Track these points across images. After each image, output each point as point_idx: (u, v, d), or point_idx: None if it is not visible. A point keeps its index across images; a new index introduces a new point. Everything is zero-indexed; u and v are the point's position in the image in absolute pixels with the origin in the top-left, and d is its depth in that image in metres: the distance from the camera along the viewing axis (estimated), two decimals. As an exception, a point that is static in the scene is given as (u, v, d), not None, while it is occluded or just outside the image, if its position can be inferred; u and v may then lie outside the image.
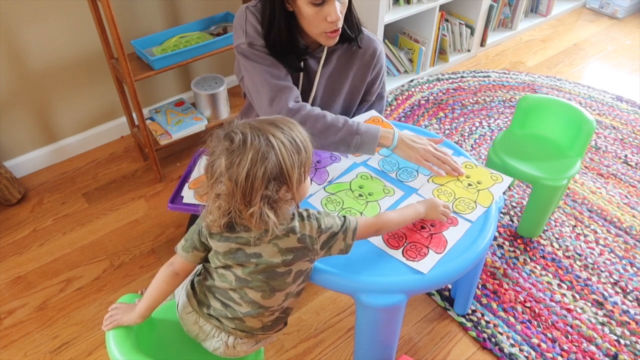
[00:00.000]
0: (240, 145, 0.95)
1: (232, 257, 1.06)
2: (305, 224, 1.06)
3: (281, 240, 1.04)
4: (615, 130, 2.57)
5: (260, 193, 0.95)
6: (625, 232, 2.02)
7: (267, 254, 1.04)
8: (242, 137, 0.95)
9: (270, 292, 1.09)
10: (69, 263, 1.92)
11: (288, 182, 0.97)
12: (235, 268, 1.07)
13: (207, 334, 1.16)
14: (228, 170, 0.95)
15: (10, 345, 1.66)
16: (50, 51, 2.11)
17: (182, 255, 1.11)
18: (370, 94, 1.60)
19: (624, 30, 3.49)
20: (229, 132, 0.98)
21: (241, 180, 0.94)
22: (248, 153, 0.94)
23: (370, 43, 1.50)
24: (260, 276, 1.06)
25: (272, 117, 1.03)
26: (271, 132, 0.96)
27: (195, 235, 1.09)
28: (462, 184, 1.37)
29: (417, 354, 1.64)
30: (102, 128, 2.43)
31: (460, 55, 3.11)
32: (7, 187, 2.10)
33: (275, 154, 0.95)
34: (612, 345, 1.65)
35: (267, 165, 0.94)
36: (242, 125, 0.99)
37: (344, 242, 1.10)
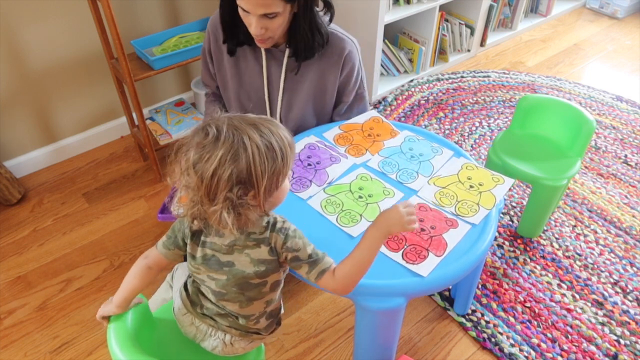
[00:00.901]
0: (212, 142, 0.90)
1: (206, 263, 1.05)
2: (274, 236, 1.02)
3: (252, 250, 1.02)
4: (615, 130, 2.57)
5: (223, 194, 0.91)
6: (625, 232, 2.02)
7: (239, 264, 1.03)
8: (216, 133, 0.91)
9: (248, 301, 1.08)
10: (69, 263, 1.92)
11: (255, 188, 0.92)
12: (208, 281, 1.07)
13: (205, 334, 1.16)
14: (195, 165, 0.91)
15: (10, 345, 1.67)
16: (50, 51, 2.10)
17: (162, 252, 1.09)
18: (345, 94, 1.58)
19: (624, 30, 3.49)
20: (206, 125, 0.93)
21: (207, 177, 0.90)
22: (218, 151, 0.89)
23: (338, 43, 1.48)
24: (235, 288, 1.06)
25: (257, 116, 0.98)
26: (248, 133, 0.91)
27: (179, 234, 1.07)
28: (464, 186, 1.37)
29: (417, 354, 1.64)
30: (102, 128, 2.43)
31: (460, 55, 3.11)
32: (7, 187, 2.10)
33: (247, 157, 0.90)
34: (612, 345, 1.65)
35: (236, 167, 0.89)
36: (221, 120, 0.94)
37: (306, 275, 1.04)
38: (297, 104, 1.54)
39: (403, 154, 1.49)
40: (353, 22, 2.55)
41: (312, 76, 1.51)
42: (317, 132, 1.56)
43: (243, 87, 1.54)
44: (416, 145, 1.52)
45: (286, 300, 1.77)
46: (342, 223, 1.27)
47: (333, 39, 1.47)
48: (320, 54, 1.47)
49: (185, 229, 1.06)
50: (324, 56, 1.48)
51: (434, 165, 1.45)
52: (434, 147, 1.51)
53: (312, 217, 1.29)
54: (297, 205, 1.32)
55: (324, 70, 1.50)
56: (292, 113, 1.56)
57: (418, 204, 1.33)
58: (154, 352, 1.17)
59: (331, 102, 1.58)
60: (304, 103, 1.54)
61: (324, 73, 1.50)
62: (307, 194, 1.35)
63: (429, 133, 1.58)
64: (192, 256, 1.07)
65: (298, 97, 1.53)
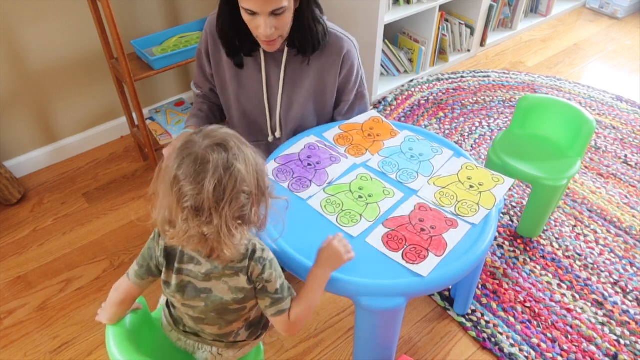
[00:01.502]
0: (237, 150, 0.92)
1: (181, 291, 1.04)
2: (252, 265, 1.01)
3: (231, 279, 1.02)
4: (615, 130, 2.57)
5: (265, 185, 0.96)
6: (625, 232, 2.02)
7: (217, 291, 1.03)
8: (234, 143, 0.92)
9: (227, 324, 1.08)
10: (69, 263, 1.92)
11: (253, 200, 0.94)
12: (184, 309, 1.06)
13: (193, 347, 1.17)
14: (247, 170, 0.92)
15: (10, 345, 1.67)
16: (50, 51, 2.10)
17: (135, 282, 1.07)
18: (346, 93, 1.58)
19: (624, 30, 3.49)
20: (218, 143, 0.91)
21: (257, 178, 0.94)
22: (246, 152, 0.93)
23: (337, 42, 1.47)
24: (213, 314, 1.06)
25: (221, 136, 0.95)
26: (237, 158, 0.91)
27: (152, 262, 1.05)
28: (464, 186, 1.37)
29: (417, 354, 1.64)
30: (102, 128, 2.43)
31: (460, 55, 3.11)
32: (7, 187, 2.10)
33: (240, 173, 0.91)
34: (612, 345, 1.65)
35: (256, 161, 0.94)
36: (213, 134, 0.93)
37: (264, 308, 1.05)
38: (297, 104, 1.54)
39: (403, 154, 1.49)
40: (353, 22, 2.55)
41: (311, 76, 1.50)
42: (317, 132, 1.56)
43: (242, 88, 1.54)
44: (416, 145, 1.52)
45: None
46: (342, 223, 1.27)
47: (332, 38, 1.46)
48: (320, 53, 1.47)
49: (159, 257, 1.04)
50: (322, 55, 1.47)
51: (434, 165, 1.45)
52: (434, 147, 1.51)
53: (312, 217, 1.29)
54: (297, 205, 1.32)
55: (323, 70, 1.50)
56: (292, 113, 1.56)
57: (418, 204, 1.33)
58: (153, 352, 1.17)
59: (331, 101, 1.58)
60: (303, 103, 1.54)
61: (323, 72, 1.50)
62: (307, 194, 1.35)
63: (429, 133, 1.58)
64: (167, 283, 1.05)
65: (297, 97, 1.53)
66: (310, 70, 1.49)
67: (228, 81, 1.54)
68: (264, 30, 1.29)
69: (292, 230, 1.25)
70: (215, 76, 1.57)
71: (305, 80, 1.51)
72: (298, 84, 1.51)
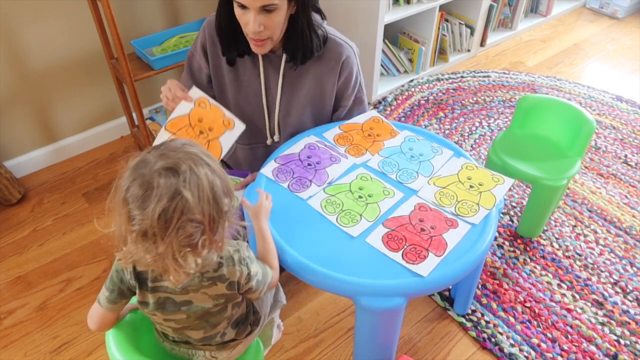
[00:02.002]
0: (191, 174, 0.88)
1: (161, 308, 1.02)
2: (234, 270, 1.01)
3: (209, 289, 1.01)
4: (615, 130, 2.57)
5: (223, 209, 0.92)
6: (625, 232, 2.02)
7: (197, 300, 1.02)
8: (188, 166, 0.88)
9: (212, 327, 1.08)
10: (69, 263, 1.92)
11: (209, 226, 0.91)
12: (168, 322, 1.05)
13: (188, 355, 1.17)
14: (199, 200, 0.88)
15: (10, 345, 1.67)
16: (50, 51, 2.10)
17: (109, 307, 1.04)
18: (344, 99, 1.57)
19: (624, 30, 3.49)
20: (169, 167, 0.88)
21: (211, 206, 0.90)
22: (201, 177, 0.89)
23: (336, 48, 1.46)
24: (197, 321, 1.05)
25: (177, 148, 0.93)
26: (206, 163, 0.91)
27: (122, 285, 1.02)
28: (464, 186, 1.37)
29: (417, 354, 1.64)
30: (102, 128, 2.43)
31: (460, 55, 3.11)
32: (7, 187, 2.10)
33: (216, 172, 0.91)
34: (612, 345, 1.65)
35: (217, 180, 0.90)
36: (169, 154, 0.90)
37: (261, 292, 1.08)
38: (295, 109, 1.54)
39: (403, 154, 1.49)
40: (353, 22, 2.55)
41: (309, 81, 1.50)
42: (317, 132, 1.56)
43: (241, 92, 1.53)
44: (416, 145, 1.52)
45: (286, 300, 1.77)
46: (342, 223, 1.27)
47: (331, 44, 1.46)
48: (318, 59, 1.46)
49: (130, 280, 1.01)
50: (321, 61, 1.47)
51: (434, 165, 1.45)
52: (434, 147, 1.51)
53: (312, 217, 1.29)
54: (297, 205, 1.32)
55: (321, 76, 1.49)
56: (290, 118, 1.55)
57: (418, 204, 1.33)
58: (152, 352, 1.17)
59: (329, 107, 1.58)
60: (302, 108, 1.54)
61: (321, 78, 1.50)
62: (307, 194, 1.35)
63: (429, 133, 1.58)
64: (144, 303, 1.03)
65: (296, 102, 1.53)
66: (309, 76, 1.49)
67: (227, 84, 1.54)
68: (252, 26, 1.27)
69: (292, 230, 1.25)
70: (213, 79, 1.56)
71: (303, 86, 1.50)
72: (296, 90, 1.51)
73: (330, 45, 1.46)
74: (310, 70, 1.48)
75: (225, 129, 1.34)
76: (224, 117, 1.35)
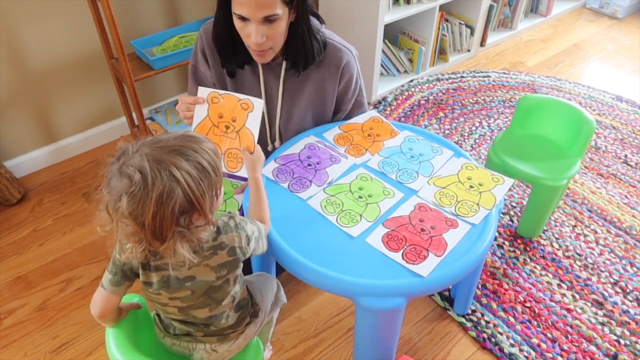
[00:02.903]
0: (141, 187, 0.86)
1: (165, 286, 1.03)
2: (233, 236, 1.03)
3: (210, 259, 1.02)
4: (615, 130, 2.57)
5: (171, 230, 0.90)
6: (625, 232, 2.02)
7: (200, 275, 1.03)
8: (142, 177, 0.86)
9: (216, 303, 1.09)
10: (69, 263, 1.92)
11: (199, 210, 0.92)
12: (172, 302, 1.05)
13: (188, 350, 1.17)
14: (132, 214, 0.88)
15: (10, 345, 1.67)
16: (50, 51, 2.10)
17: (113, 290, 1.03)
18: (344, 103, 1.57)
19: (624, 30, 3.49)
20: (125, 169, 0.88)
21: (148, 221, 0.87)
22: (151, 194, 0.86)
23: (335, 53, 1.45)
24: (202, 297, 1.06)
25: (174, 140, 0.94)
26: (174, 164, 0.88)
27: (126, 267, 1.03)
28: (464, 186, 1.37)
29: (417, 354, 1.64)
30: (102, 128, 2.43)
31: (460, 55, 3.11)
32: (7, 187, 2.10)
33: (182, 189, 0.88)
34: (612, 345, 1.65)
35: (175, 202, 0.87)
36: (139, 158, 0.89)
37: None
38: (296, 115, 1.53)
39: (403, 154, 1.49)
40: (353, 22, 2.56)
41: (310, 87, 1.50)
42: (317, 132, 1.56)
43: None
44: (416, 145, 1.52)
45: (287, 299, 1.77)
46: (342, 223, 1.27)
47: (330, 49, 1.45)
48: (318, 65, 1.45)
49: (132, 260, 1.01)
50: (321, 67, 1.46)
51: (434, 165, 1.45)
52: (434, 147, 1.51)
53: (312, 217, 1.29)
54: (297, 205, 1.32)
55: (321, 81, 1.49)
56: (291, 124, 1.55)
57: (418, 204, 1.33)
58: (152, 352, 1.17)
59: (330, 112, 1.58)
60: (303, 114, 1.54)
61: (322, 84, 1.49)
62: (307, 194, 1.35)
63: (429, 133, 1.58)
64: (148, 283, 1.03)
65: (296, 108, 1.53)
66: (309, 82, 1.49)
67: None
68: (255, 38, 1.25)
69: (292, 230, 1.25)
70: (217, 86, 1.54)
71: (304, 92, 1.50)
72: (297, 97, 1.51)
73: (329, 50, 1.45)
74: (310, 76, 1.48)
75: (247, 113, 1.31)
76: (240, 102, 1.31)
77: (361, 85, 1.58)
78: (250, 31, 1.26)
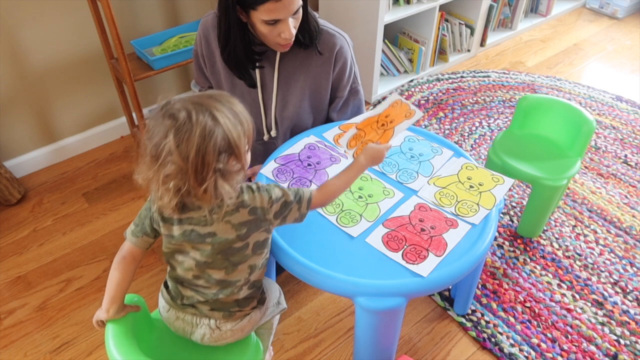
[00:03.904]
0: (186, 122, 0.95)
1: (187, 238, 1.07)
2: (255, 197, 1.07)
3: (232, 215, 1.05)
4: (615, 130, 2.57)
5: (212, 167, 0.97)
6: (625, 232, 2.03)
7: (220, 232, 1.06)
8: (187, 114, 0.96)
9: (233, 267, 1.10)
10: (69, 263, 1.92)
11: (236, 152, 1.00)
12: (192, 252, 1.09)
13: (192, 325, 1.17)
14: (178, 147, 0.95)
15: (10, 345, 1.67)
16: (50, 51, 2.10)
17: (132, 240, 1.12)
18: (340, 89, 1.58)
19: (624, 30, 3.49)
20: (171, 111, 0.97)
21: (192, 156, 0.95)
22: (195, 129, 0.95)
23: (329, 39, 1.48)
24: (220, 255, 1.08)
25: (208, 92, 1.04)
26: (214, 107, 0.98)
27: (146, 221, 1.10)
28: (464, 186, 1.37)
29: (417, 354, 1.64)
30: (102, 128, 2.43)
31: (460, 55, 3.11)
32: (7, 187, 2.10)
33: (222, 129, 0.97)
34: (612, 345, 1.65)
35: (216, 139, 0.96)
36: (181, 102, 0.99)
37: (298, 212, 1.13)
38: (292, 102, 1.54)
39: (403, 154, 1.49)
40: (353, 22, 2.56)
41: (304, 74, 1.51)
42: (317, 132, 1.56)
43: (237, 89, 1.54)
44: (416, 145, 1.52)
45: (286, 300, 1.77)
46: (342, 223, 1.27)
47: (324, 35, 1.47)
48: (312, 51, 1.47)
49: (154, 213, 1.08)
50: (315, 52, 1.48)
51: (434, 165, 1.45)
52: (434, 147, 1.51)
53: (312, 217, 1.29)
54: (297, 205, 1.32)
55: (316, 67, 1.50)
56: (287, 111, 1.56)
57: (418, 204, 1.33)
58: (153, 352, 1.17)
59: (326, 98, 1.58)
60: (298, 101, 1.54)
61: (316, 69, 1.51)
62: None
63: (429, 133, 1.58)
64: (170, 236, 1.08)
65: (292, 95, 1.53)
66: (304, 69, 1.50)
67: (223, 81, 1.55)
68: (289, 34, 1.31)
69: (292, 230, 1.25)
70: (210, 77, 1.59)
71: (298, 79, 1.51)
72: (292, 83, 1.52)
73: (323, 36, 1.47)
74: (305, 63, 1.49)
75: (404, 119, 1.35)
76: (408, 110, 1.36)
77: (356, 72, 1.60)
78: (283, 29, 1.30)
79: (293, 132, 1.60)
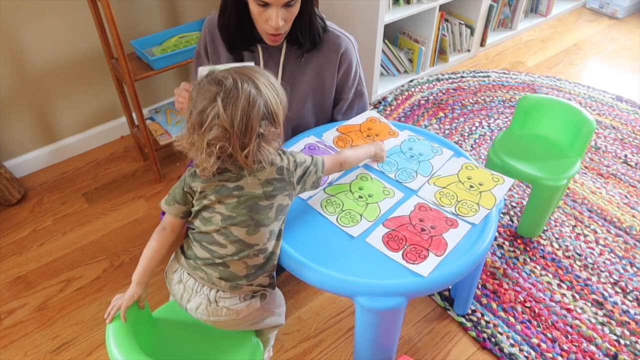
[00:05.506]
0: (233, 88, 1.03)
1: (216, 192, 1.12)
2: (283, 158, 1.16)
3: (261, 172, 1.12)
4: (615, 130, 2.57)
5: (255, 131, 1.05)
6: (625, 232, 2.03)
7: (248, 186, 1.12)
8: (233, 81, 1.04)
9: (255, 227, 1.13)
10: (69, 263, 1.92)
11: (275, 119, 1.09)
12: (219, 207, 1.13)
13: (191, 291, 1.17)
14: (225, 111, 1.02)
15: (10, 345, 1.67)
16: (50, 51, 2.10)
17: (164, 208, 1.19)
18: (345, 91, 1.58)
19: (624, 30, 3.49)
20: (218, 78, 1.05)
21: (237, 120, 1.02)
22: (241, 95, 1.03)
23: (335, 40, 1.48)
24: (244, 210, 1.12)
25: (246, 64, 1.15)
26: (255, 77, 1.07)
27: (177, 190, 1.17)
28: (464, 186, 1.37)
29: (417, 354, 1.64)
30: (102, 128, 2.43)
31: (460, 55, 3.11)
32: (7, 187, 2.10)
33: (263, 96, 1.06)
34: (612, 345, 1.65)
35: (259, 105, 1.04)
36: (225, 72, 1.07)
37: (315, 175, 1.22)
38: (296, 102, 1.54)
39: (403, 154, 1.49)
40: (353, 22, 2.56)
41: (309, 73, 1.51)
42: (317, 132, 1.56)
43: None
44: (416, 145, 1.52)
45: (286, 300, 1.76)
46: (342, 223, 1.27)
47: (329, 36, 1.47)
48: (317, 51, 1.47)
49: (187, 176, 1.15)
50: (320, 53, 1.48)
51: (434, 165, 1.45)
52: (434, 147, 1.51)
53: (312, 217, 1.29)
54: (297, 205, 1.32)
55: (320, 68, 1.50)
56: (291, 112, 1.55)
57: (418, 203, 1.33)
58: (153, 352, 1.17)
59: (330, 99, 1.58)
60: (302, 101, 1.54)
61: (321, 70, 1.50)
62: (307, 194, 1.35)
63: (429, 133, 1.58)
64: (201, 192, 1.13)
65: (296, 94, 1.53)
66: (308, 69, 1.50)
67: None
68: (275, 22, 1.29)
69: (292, 230, 1.25)
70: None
71: (303, 78, 1.51)
72: (296, 82, 1.51)
73: (329, 37, 1.47)
74: (309, 63, 1.49)
75: (389, 136, 1.56)
76: (391, 132, 1.58)
77: (361, 75, 1.59)
78: (270, 16, 1.29)
79: (295, 132, 1.60)
